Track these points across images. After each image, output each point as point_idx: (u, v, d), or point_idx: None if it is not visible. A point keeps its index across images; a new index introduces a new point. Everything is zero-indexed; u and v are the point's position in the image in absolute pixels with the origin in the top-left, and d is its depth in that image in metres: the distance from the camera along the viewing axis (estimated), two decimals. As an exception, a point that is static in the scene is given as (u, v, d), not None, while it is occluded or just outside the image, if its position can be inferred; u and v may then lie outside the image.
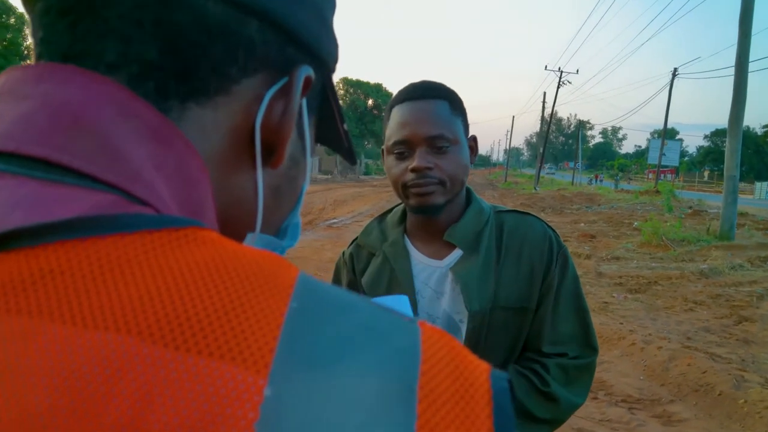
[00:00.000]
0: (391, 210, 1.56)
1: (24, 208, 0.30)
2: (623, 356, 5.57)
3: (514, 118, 74.12)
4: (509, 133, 77.73)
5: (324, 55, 0.47)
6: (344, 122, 0.52)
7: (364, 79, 71.87)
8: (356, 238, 1.56)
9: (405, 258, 1.42)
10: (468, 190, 1.45)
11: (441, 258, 1.40)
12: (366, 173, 60.55)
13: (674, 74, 39.49)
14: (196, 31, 0.37)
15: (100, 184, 0.32)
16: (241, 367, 0.27)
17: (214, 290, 0.29)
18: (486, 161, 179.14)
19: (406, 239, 1.45)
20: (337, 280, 1.56)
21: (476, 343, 1.32)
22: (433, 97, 1.33)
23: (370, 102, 65.60)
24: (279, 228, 0.51)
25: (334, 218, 15.70)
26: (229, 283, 0.30)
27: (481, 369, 0.32)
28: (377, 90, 65.00)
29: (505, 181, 52.59)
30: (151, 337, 0.27)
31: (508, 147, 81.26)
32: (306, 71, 0.43)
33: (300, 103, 0.45)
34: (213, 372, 0.26)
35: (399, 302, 0.90)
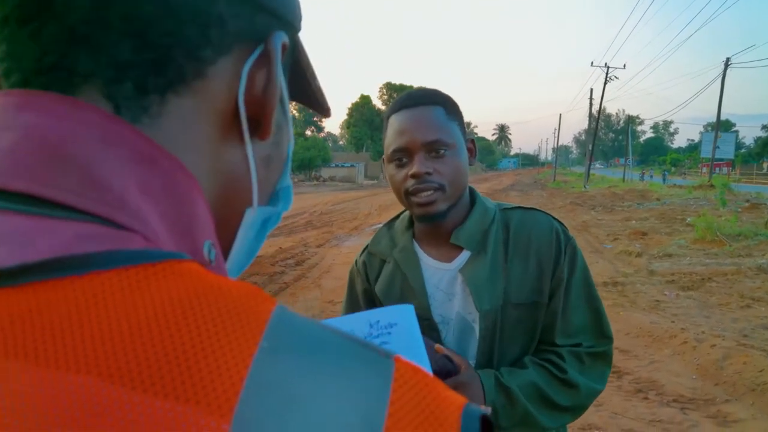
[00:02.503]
0: (398, 216, 1.58)
1: (8, 244, 0.30)
2: (674, 355, 5.42)
3: (561, 116, 73.06)
4: (557, 132, 76.57)
5: (290, 17, 0.46)
6: (316, 79, 0.52)
7: (407, 83, 71.98)
8: (367, 246, 1.58)
9: (415, 263, 1.44)
10: (471, 191, 1.47)
11: (450, 260, 1.41)
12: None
13: (727, 64, 38.22)
14: (166, 19, 0.37)
15: (83, 215, 0.33)
16: (205, 411, 0.27)
17: (185, 329, 0.29)
18: (533, 161, 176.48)
19: (415, 244, 1.47)
20: (351, 288, 1.59)
21: (491, 341, 1.34)
22: (429, 104, 1.34)
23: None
24: (270, 195, 0.51)
25: (380, 223, 15.73)
26: (201, 321, 0.29)
27: (453, 407, 0.32)
28: (421, 93, 64.66)
29: (554, 180, 51.80)
30: (120, 379, 0.27)
31: (556, 145, 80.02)
32: (281, 37, 0.43)
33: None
34: (177, 416, 0.26)
35: (403, 312, 0.91)
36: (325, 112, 0.57)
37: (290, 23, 0.47)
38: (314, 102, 0.55)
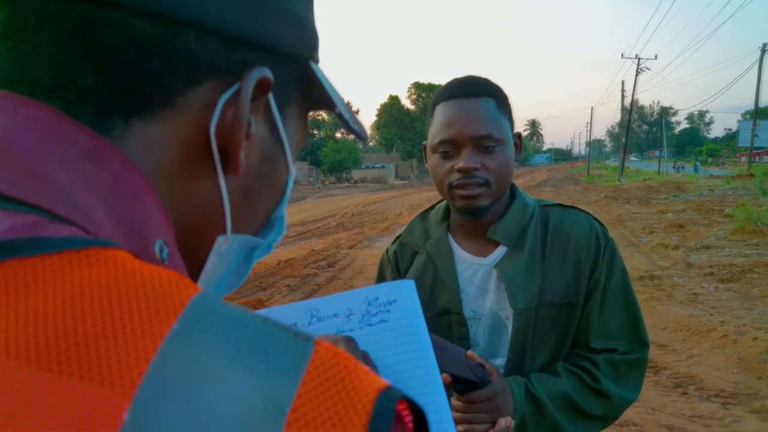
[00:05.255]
0: (433, 207, 1.55)
1: None
2: (714, 349, 5.30)
3: (593, 110, 72.04)
4: (589, 125, 75.53)
5: (289, 49, 0.46)
6: (335, 107, 0.51)
7: (435, 81, 71.80)
8: (399, 236, 1.55)
9: (449, 256, 1.41)
10: (512, 186, 1.43)
11: (485, 255, 1.38)
12: (443, 176, 60.08)
13: (764, 50, 37.30)
14: (129, 51, 0.37)
15: (25, 206, 0.33)
16: (109, 389, 0.27)
17: (98, 312, 0.29)
18: (566, 156, 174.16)
19: (450, 237, 1.44)
20: (381, 277, 1.56)
21: (524, 341, 1.31)
22: (480, 95, 1.30)
23: (443, 104, 65.05)
24: (264, 223, 0.51)
25: (411, 222, 15.73)
26: (116, 305, 0.30)
27: (370, 389, 0.31)
28: (449, 92, 64.44)
29: (588, 174, 51.09)
30: (28, 360, 0.27)
31: (589, 139, 78.92)
32: (259, 73, 0.42)
33: (264, 101, 0.45)
34: (81, 394, 0.27)
35: (404, 288, 0.89)
36: (356, 135, 0.56)
37: (290, 55, 0.46)
38: (345, 125, 0.54)
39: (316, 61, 0.50)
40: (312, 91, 0.50)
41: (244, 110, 0.42)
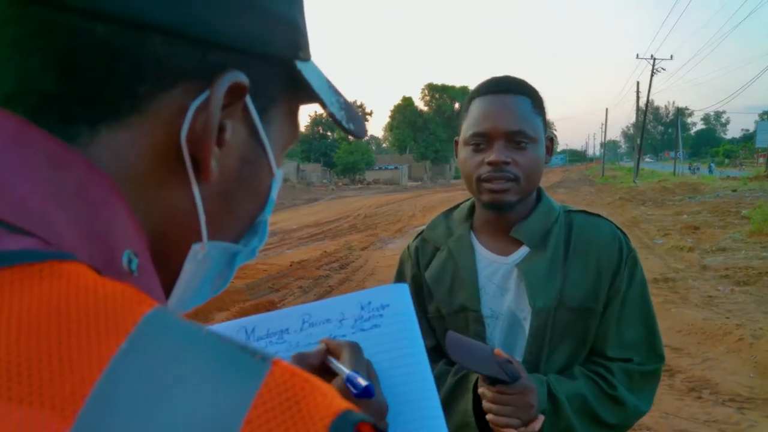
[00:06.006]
0: (458, 206, 1.56)
1: None
2: (729, 352, 5.24)
3: (608, 111, 71.62)
4: (604, 126, 75.08)
5: (268, 49, 0.44)
6: (326, 106, 0.50)
7: (449, 83, 71.74)
8: (421, 232, 1.56)
9: (470, 253, 1.41)
10: (539, 189, 1.44)
11: (507, 254, 1.39)
12: (456, 178, 60.24)
13: (781, 49, 36.79)
14: (91, 56, 0.36)
15: None
16: (49, 414, 0.26)
17: (45, 332, 0.28)
18: (581, 156, 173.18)
19: (472, 235, 1.45)
20: (400, 272, 1.56)
21: (541, 342, 1.31)
22: (516, 93, 1.32)
23: (456, 106, 65.32)
24: (247, 228, 0.50)
25: (423, 224, 15.68)
26: (64, 325, 0.29)
27: (326, 413, 0.30)
28: (463, 93, 64.45)
29: (603, 175, 50.79)
30: None
31: (603, 140, 78.41)
32: (231, 78, 0.40)
33: (241, 105, 0.43)
34: (20, 419, 0.26)
35: (397, 293, 0.88)
36: (350, 134, 0.53)
37: (271, 55, 0.44)
38: (338, 125, 0.52)
39: (305, 59, 0.48)
40: (299, 91, 0.49)
41: (214, 117, 0.40)
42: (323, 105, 0.49)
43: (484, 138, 1.31)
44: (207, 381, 0.29)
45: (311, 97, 0.49)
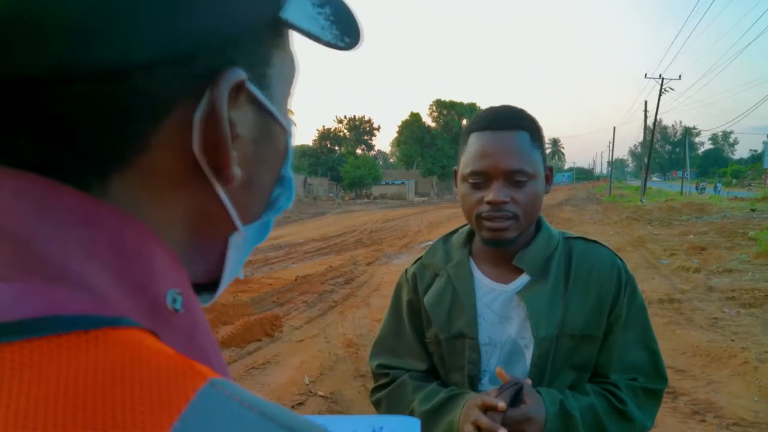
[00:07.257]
0: (456, 230, 1.57)
1: None
2: (734, 376, 5.20)
3: (616, 129, 71.54)
4: (611, 145, 74.96)
5: (246, 24, 0.40)
6: (319, 39, 0.47)
7: (457, 99, 71.90)
8: (420, 257, 1.57)
9: (468, 280, 1.42)
10: (538, 217, 1.45)
11: (507, 282, 1.40)
12: (463, 194, 59.88)
13: (789, 71, 36.79)
14: (80, 117, 0.35)
15: None
16: None
17: (91, 407, 0.28)
18: (588, 175, 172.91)
19: (471, 261, 1.46)
20: (397, 297, 1.57)
21: (543, 369, 1.33)
22: (515, 128, 1.32)
23: (464, 122, 65.27)
24: (273, 191, 0.50)
25: (430, 240, 15.70)
26: (117, 398, 0.28)
27: None
28: (471, 110, 64.62)
29: (610, 193, 50.67)
30: None
31: (611, 159, 78.34)
32: (228, 82, 0.39)
33: (244, 92, 0.41)
34: None
35: (409, 426, 0.91)
36: (333, 47, 0.48)
37: (251, 27, 0.41)
38: (336, 48, 0.49)
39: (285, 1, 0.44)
40: (287, 31, 0.47)
41: (224, 124, 0.39)
42: (316, 40, 0.47)
43: (483, 176, 1.32)
44: None
45: (301, 33, 0.46)
